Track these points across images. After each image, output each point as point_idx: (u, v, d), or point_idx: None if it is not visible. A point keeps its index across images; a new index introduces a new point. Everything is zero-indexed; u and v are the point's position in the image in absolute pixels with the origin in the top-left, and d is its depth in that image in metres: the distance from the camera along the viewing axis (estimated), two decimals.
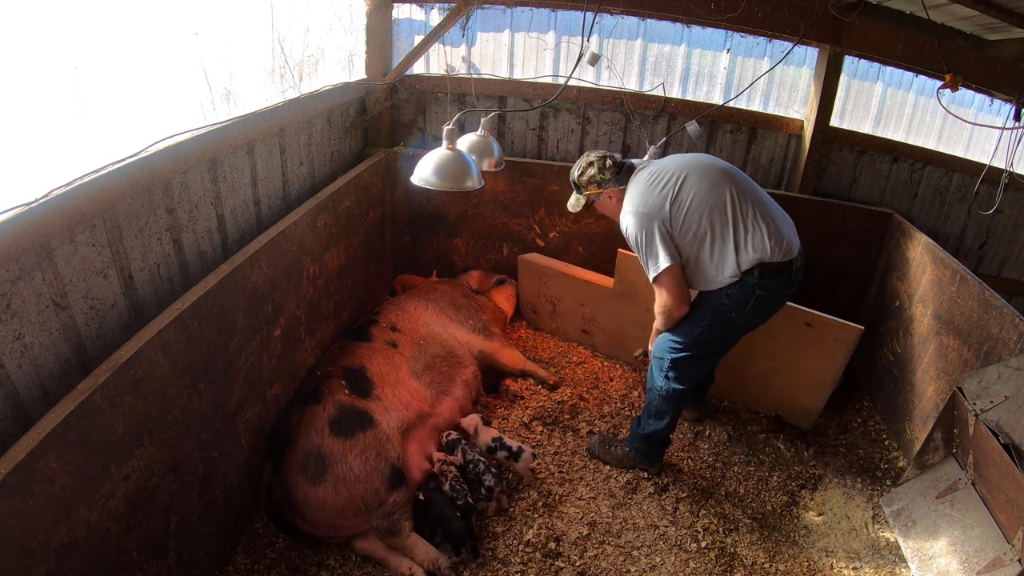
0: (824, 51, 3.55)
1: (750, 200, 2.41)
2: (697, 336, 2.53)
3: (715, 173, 2.44)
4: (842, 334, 2.93)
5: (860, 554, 2.54)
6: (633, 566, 2.40)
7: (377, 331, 2.96)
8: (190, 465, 1.93)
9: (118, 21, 1.95)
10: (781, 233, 2.40)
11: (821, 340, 2.98)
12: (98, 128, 1.88)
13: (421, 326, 3.13)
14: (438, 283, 3.70)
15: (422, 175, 2.46)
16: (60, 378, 1.69)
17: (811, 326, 2.98)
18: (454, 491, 2.46)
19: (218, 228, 2.42)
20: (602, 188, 2.63)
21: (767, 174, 3.97)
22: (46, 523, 1.38)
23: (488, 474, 2.55)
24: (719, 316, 2.47)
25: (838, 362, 3.01)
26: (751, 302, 2.41)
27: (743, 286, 2.40)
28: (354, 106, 3.64)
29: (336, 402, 2.45)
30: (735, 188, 2.41)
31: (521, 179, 3.84)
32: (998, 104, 3.68)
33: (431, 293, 3.45)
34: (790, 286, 2.47)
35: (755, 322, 2.56)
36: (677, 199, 2.39)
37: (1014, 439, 2.13)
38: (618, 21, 3.72)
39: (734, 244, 2.36)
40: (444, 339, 3.14)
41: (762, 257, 2.35)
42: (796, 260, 2.45)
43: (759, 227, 2.36)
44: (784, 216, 2.51)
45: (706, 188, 2.39)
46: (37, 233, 1.53)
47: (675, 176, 2.43)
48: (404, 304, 3.27)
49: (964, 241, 3.98)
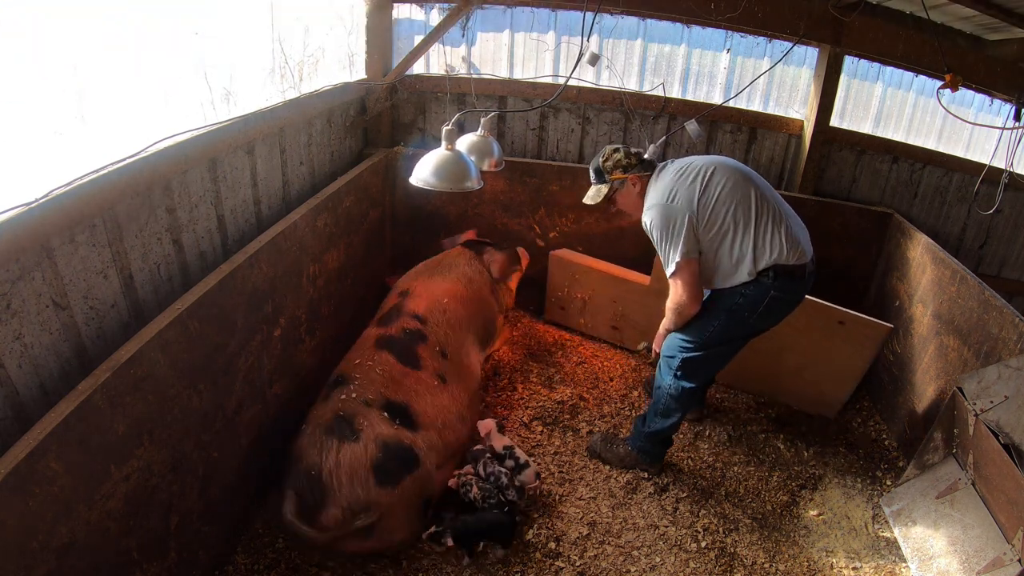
0: (824, 51, 3.55)
1: (771, 202, 2.44)
2: (709, 335, 2.53)
3: (739, 173, 2.46)
4: (872, 331, 3.06)
5: (860, 554, 2.54)
6: (633, 566, 2.40)
7: (427, 354, 2.64)
8: (190, 465, 1.93)
9: (118, 22, 1.95)
10: (797, 238, 2.42)
11: (852, 337, 3.09)
12: (98, 128, 1.88)
13: (464, 356, 2.87)
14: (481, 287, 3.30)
15: (421, 176, 2.46)
16: (60, 378, 1.69)
17: (844, 324, 3.09)
18: (484, 492, 2.43)
19: (218, 228, 2.42)
20: (627, 173, 2.59)
21: (767, 174, 3.97)
22: (46, 523, 1.38)
23: (511, 488, 2.51)
24: (733, 316, 2.47)
25: (866, 357, 3.14)
26: (765, 303, 2.41)
27: (758, 286, 2.40)
28: (354, 106, 3.64)
29: (378, 439, 2.18)
30: (758, 188, 2.44)
31: (521, 179, 3.84)
32: (998, 104, 3.68)
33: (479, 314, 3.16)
34: (803, 290, 2.48)
35: (767, 324, 2.55)
36: (706, 192, 2.39)
37: (1014, 439, 2.13)
38: (618, 21, 3.72)
39: (754, 242, 2.37)
40: (473, 368, 2.95)
41: (778, 259, 2.36)
42: (809, 265, 2.46)
43: (779, 229, 2.38)
44: (800, 222, 2.54)
45: (732, 184, 2.40)
46: (37, 233, 1.53)
47: (703, 170, 2.44)
48: (453, 319, 2.93)
49: (964, 241, 3.98)
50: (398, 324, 2.73)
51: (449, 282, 3.14)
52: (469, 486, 2.45)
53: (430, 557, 2.32)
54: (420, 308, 2.85)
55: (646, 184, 2.58)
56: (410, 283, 3.09)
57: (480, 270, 3.37)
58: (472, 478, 2.49)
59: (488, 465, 2.57)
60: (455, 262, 3.34)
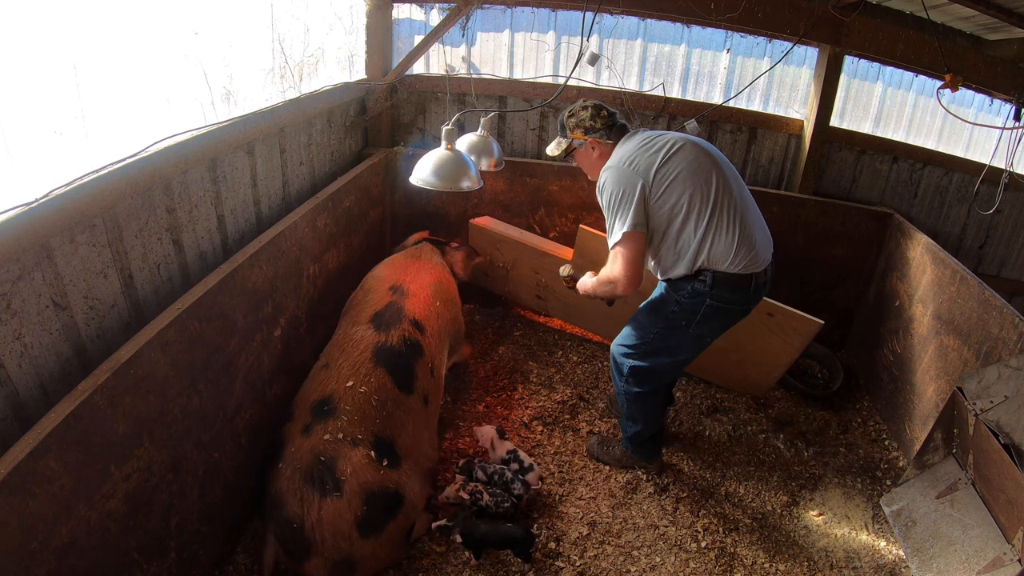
0: (824, 51, 3.55)
1: (735, 196, 2.27)
2: (649, 344, 2.47)
3: (707, 158, 2.29)
4: (801, 326, 2.96)
5: (860, 554, 2.54)
6: (633, 566, 2.40)
7: (421, 372, 2.48)
8: (190, 465, 1.93)
9: (118, 21, 1.95)
10: (752, 241, 2.25)
11: (781, 329, 3.01)
12: (98, 128, 1.88)
13: (440, 368, 2.72)
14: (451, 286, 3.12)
15: (420, 175, 2.46)
16: (60, 378, 1.69)
17: (773, 316, 2.99)
18: (495, 498, 2.44)
19: (218, 228, 2.42)
20: (587, 136, 2.42)
21: (767, 174, 3.97)
22: (46, 523, 1.38)
23: (517, 482, 2.53)
24: (669, 323, 2.39)
25: (794, 350, 3.06)
26: (702, 311, 2.31)
27: (693, 295, 2.30)
28: (354, 106, 3.64)
29: (362, 491, 2.05)
30: (723, 178, 2.27)
31: (521, 179, 3.84)
32: (998, 104, 3.68)
33: (455, 319, 3.02)
34: (747, 300, 2.34)
35: (710, 332, 2.42)
36: (666, 165, 2.23)
37: (1014, 439, 2.13)
38: (618, 21, 3.72)
39: (702, 235, 2.22)
40: (442, 381, 2.80)
41: (720, 264, 2.23)
42: (759, 276, 2.30)
43: (732, 228, 2.22)
44: (762, 226, 2.37)
45: (696, 167, 2.24)
46: (37, 233, 1.53)
47: (671, 143, 2.28)
48: (441, 326, 2.78)
49: (964, 241, 3.98)
50: (398, 331, 2.50)
51: (435, 281, 2.95)
52: (479, 495, 2.45)
53: (430, 557, 2.32)
54: (419, 312, 2.67)
55: (607, 151, 2.42)
56: (399, 277, 2.85)
57: (447, 268, 3.21)
58: (478, 485, 2.50)
59: (487, 468, 2.58)
60: (431, 258, 3.13)
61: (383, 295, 2.70)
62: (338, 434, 2.12)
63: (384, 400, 2.28)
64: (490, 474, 2.56)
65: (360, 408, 2.21)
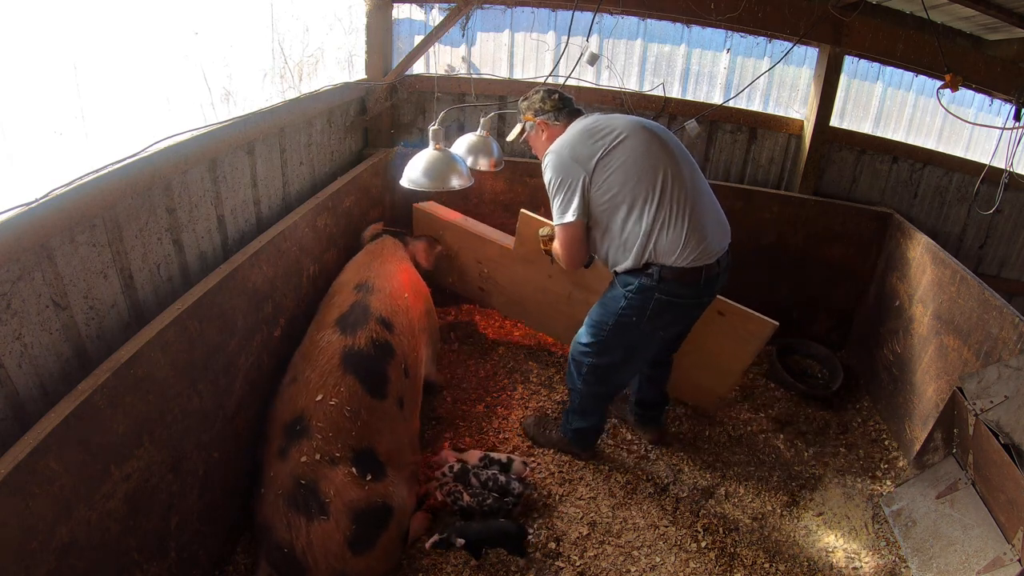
0: (824, 51, 3.55)
1: (686, 186, 2.21)
2: (603, 343, 2.46)
3: (656, 146, 2.23)
4: (755, 327, 2.79)
5: (860, 554, 2.54)
6: (633, 566, 2.40)
7: (394, 375, 2.38)
8: (190, 465, 1.93)
9: (118, 21, 1.95)
10: (703, 232, 2.20)
11: (733, 330, 2.85)
12: (98, 128, 1.88)
13: (417, 366, 2.66)
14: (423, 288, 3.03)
15: (410, 177, 2.46)
16: (60, 378, 1.69)
17: (723, 315, 2.83)
18: (478, 497, 2.43)
19: (218, 228, 2.42)
20: (536, 117, 2.47)
21: (767, 174, 3.97)
22: (46, 523, 1.38)
23: (513, 481, 2.53)
24: (620, 321, 2.37)
25: (749, 353, 2.88)
26: (651, 307, 2.28)
27: (641, 289, 2.27)
28: (354, 106, 3.64)
29: (349, 510, 1.99)
30: (672, 169, 2.21)
31: (521, 179, 3.84)
32: (998, 104, 3.68)
33: (429, 311, 2.94)
34: (699, 294, 2.31)
35: (665, 327, 2.40)
36: (609, 155, 2.20)
37: (1014, 439, 2.13)
38: (618, 21, 3.72)
39: (649, 227, 2.18)
40: (420, 380, 2.73)
41: (667, 258, 2.20)
42: (711, 268, 2.25)
43: (681, 220, 2.17)
44: (717, 215, 2.33)
45: (642, 155, 2.20)
46: (37, 233, 1.53)
47: (615, 133, 2.23)
48: (412, 320, 2.68)
49: (964, 241, 3.98)
50: (365, 332, 2.37)
51: (400, 272, 2.84)
52: (458, 495, 2.44)
53: (430, 557, 2.32)
54: (386, 309, 2.54)
55: (555, 132, 2.42)
56: (363, 274, 2.73)
57: (410, 259, 3.13)
58: (453, 485, 2.48)
59: (480, 475, 2.56)
60: (394, 251, 3.02)
61: (348, 296, 2.60)
62: (315, 455, 2.03)
63: (357, 410, 2.17)
64: (483, 480, 2.55)
65: (334, 423, 2.10)
